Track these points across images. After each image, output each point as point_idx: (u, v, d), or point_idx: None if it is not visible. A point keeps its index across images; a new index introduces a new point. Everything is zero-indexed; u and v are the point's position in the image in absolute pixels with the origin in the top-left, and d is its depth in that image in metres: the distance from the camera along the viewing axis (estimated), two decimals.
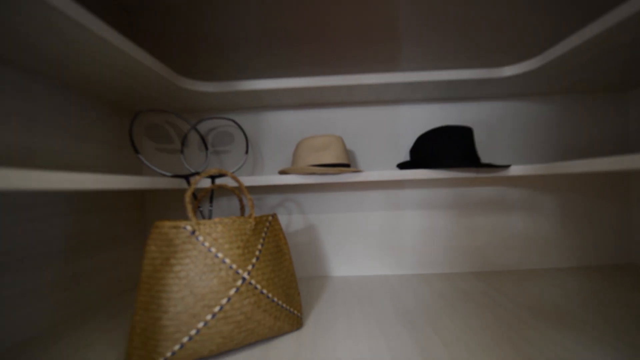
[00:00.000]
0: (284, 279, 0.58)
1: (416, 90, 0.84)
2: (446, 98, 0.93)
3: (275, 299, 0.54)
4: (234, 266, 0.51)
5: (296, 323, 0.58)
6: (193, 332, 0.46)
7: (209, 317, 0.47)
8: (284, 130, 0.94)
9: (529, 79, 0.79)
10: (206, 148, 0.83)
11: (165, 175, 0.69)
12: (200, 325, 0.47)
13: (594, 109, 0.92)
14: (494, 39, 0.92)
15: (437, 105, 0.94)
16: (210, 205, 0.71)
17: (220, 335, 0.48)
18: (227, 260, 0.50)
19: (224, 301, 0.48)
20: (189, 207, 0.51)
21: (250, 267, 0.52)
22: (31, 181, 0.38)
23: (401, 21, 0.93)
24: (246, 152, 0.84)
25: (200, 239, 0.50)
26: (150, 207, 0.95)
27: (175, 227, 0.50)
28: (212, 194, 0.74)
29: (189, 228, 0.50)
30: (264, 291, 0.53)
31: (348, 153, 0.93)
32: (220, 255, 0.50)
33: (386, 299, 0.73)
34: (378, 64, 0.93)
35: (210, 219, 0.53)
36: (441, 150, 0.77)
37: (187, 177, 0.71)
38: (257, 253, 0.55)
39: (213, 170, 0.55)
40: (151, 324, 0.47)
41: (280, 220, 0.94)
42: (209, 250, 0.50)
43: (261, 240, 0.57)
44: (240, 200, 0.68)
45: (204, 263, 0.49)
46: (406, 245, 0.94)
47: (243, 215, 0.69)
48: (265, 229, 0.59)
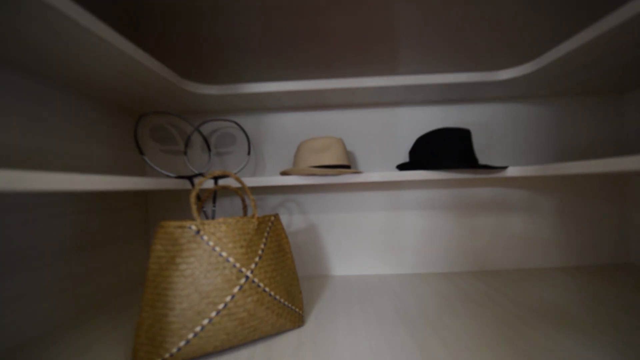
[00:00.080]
0: (286, 277, 0.60)
1: (415, 92, 0.85)
2: (445, 100, 0.95)
3: (277, 297, 0.56)
4: (238, 265, 0.52)
5: (298, 320, 0.60)
6: (198, 329, 0.48)
7: (213, 314, 0.49)
8: (285, 132, 0.96)
9: (525, 82, 0.81)
10: (209, 149, 0.85)
11: (170, 176, 0.70)
12: (205, 322, 0.48)
13: (590, 111, 0.94)
14: (494, 41, 0.94)
15: (436, 108, 0.96)
16: (214, 206, 0.73)
17: (225, 331, 0.50)
18: (231, 259, 0.52)
19: (228, 299, 0.50)
20: (194, 208, 0.52)
21: (253, 266, 0.54)
22: (42, 182, 0.39)
23: (401, 24, 0.94)
24: (248, 154, 0.86)
25: (205, 238, 0.51)
26: (153, 207, 0.96)
27: (181, 227, 0.51)
28: (215, 194, 0.75)
29: (194, 228, 0.51)
30: (267, 289, 0.54)
31: (348, 154, 0.94)
32: (224, 254, 0.52)
33: (386, 298, 0.74)
34: (378, 65, 0.95)
35: (214, 219, 0.54)
36: (440, 151, 0.78)
37: (191, 178, 0.73)
38: (260, 252, 0.56)
39: (217, 172, 0.57)
40: (157, 320, 0.48)
41: (282, 220, 0.95)
42: (214, 249, 0.51)
43: (264, 240, 0.58)
44: (243, 201, 0.69)
45: (208, 262, 0.51)
46: (406, 245, 0.95)
47: (246, 215, 0.70)
48: (267, 229, 0.60)
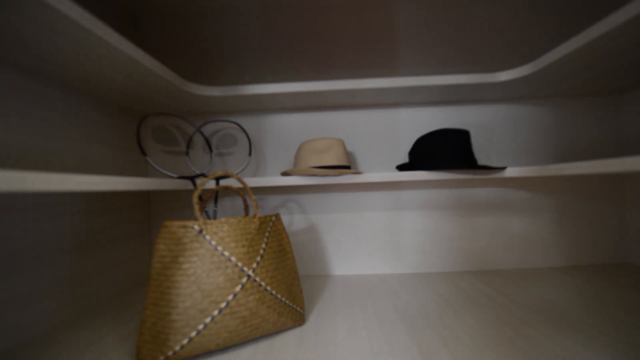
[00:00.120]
0: (287, 276, 0.61)
1: (415, 93, 0.86)
2: (444, 101, 0.96)
3: (278, 296, 0.56)
4: (240, 264, 0.53)
5: (298, 319, 0.61)
6: (201, 327, 0.49)
7: (215, 313, 0.50)
8: (286, 133, 0.96)
9: (524, 84, 0.81)
10: (210, 150, 0.85)
11: (172, 177, 0.71)
12: (208, 320, 0.49)
13: (589, 112, 0.95)
14: (495, 42, 0.94)
15: (436, 109, 0.96)
16: (215, 206, 0.74)
17: (227, 329, 0.50)
18: (233, 259, 0.53)
19: (230, 297, 0.51)
20: (196, 208, 0.53)
21: (255, 265, 0.54)
22: (45, 183, 0.40)
23: (401, 25, 0.95)
24: (249, 154, 0.87)
25: (208, 237, 0.52)
26: (154, 207, 0.97)
27: (184, 227, 0.52)
28: (217, 195, 0.76)
29: (196, 227, 0.52)
30: (268, 288, 0.55)
31: (348, 155, 0.95)
32: (226, 253, 0.52)
33: (386, 297, 0.75)
34: (378, 66, 0.96)
35: (215, 219, 0.55)
36: (439, 152, 0.79)
37: (193, 179, 0.74)
38: (262, 251, 0.57)
39: (220, 172, 0.58)
40: (161, 318, 0.49)
41: (283, 220, 0.96)
42: (216, 249, 0.52)
43: (265, 240, 0.59)
44: (245, 201, 0.70)
45: (211, 261, 0.51)
46: (406, 245, 0.96)
47: (247, 215, 0.71)
48: (269, 229, 0.61)
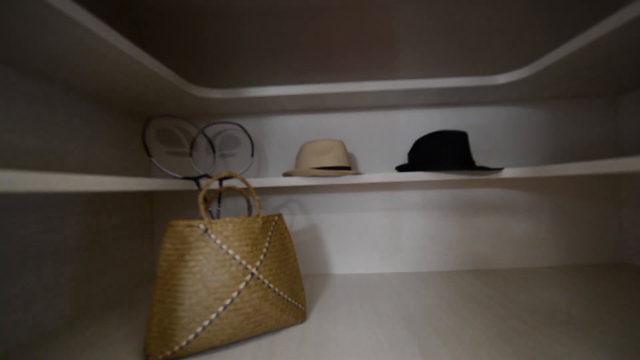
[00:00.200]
0: (289, 274, 0.62)
1: (414, 96, 0.88)
2: (443, 103, 0.97)
3: (281, 293, 0.58)
4: (244, 262, 0.54)
5: (300, 316, 0.62)
6: (206, 323, 0.50)
7: (220, 309, 0.51)
8: (288, 135, 0.98)
9: (522, 86, 0.83)
10: (214, 151, 0.87)
11: (176, 177, 0.73)
12: (213, 316, 0.51)
13: (586, 114, 0.96)
14: (494, 43, 0.96)
15: (434, 110, 0.98)
16: (219, 206, 0.75)
17: (231, 326, 0.52)
18: (237, 257, 0.54)
19: (235, 294, 0.52)
20: (201, 207, 0.55)
21: (258, 263, 0.56)
22: (56, 184, 0.42)
23: (401, 27, 0.97)
24: (252, 155, 0.88)
25: (213, 236, 0.54)
26: (157, 207, 0.99)
27: (189, 226, 0.54)
28: (220, 195, 0.78)
29: (202, 227, 0.54)
30: (271, 286, 0.57)
31: (349, 156, 0.97)
32: (230, 252, 0.54)
33: (386, 295, 0.77)
34: (379, 68, 0.98)
35: (220, 219, 0.57)
36: (438, 153, 0.81)
37: (196, 179, 0.75)
38: (265, 250, 0.59)
39: (224, 173, 0.59)
40: (167, 315, 0.50)
41: (284, 220, 0.98)
42: (221, 247, 0.54)
43: (268, 239, 0.61)
44: (248, 201, 0.72)
45: (215, 259, 0.53)
46: (405, 245, 0.98)
47: (250, 215, 0.73)
48: (271, 228, 0.63)
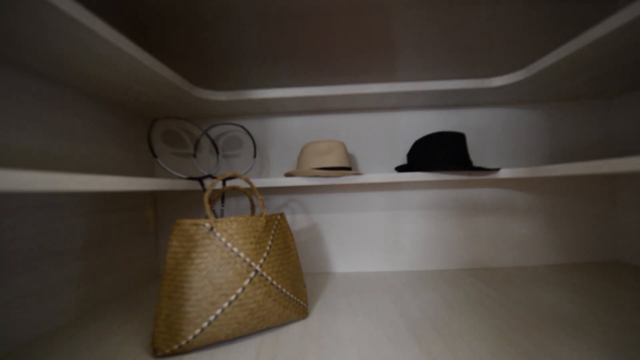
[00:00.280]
0: (291, 272, 0.64)
1: (413, 98, 0.90)
2: (441, 105, 0.99)
3: (284, 290, 0.60)
4: (248, 259, 0.56)
5: (302, 312, 0.64)
6: (212, 318, 0.52)
7: (226, 305, 0.53)
8: (289, 136, 1.00)
9: (517, 89, 0.85)
10: (217, 152, 0.89)
11: (181, 178, 0.75)
12: (218, 311, 0.53)
13: (580, 116, 0.98)
14: (493, 45, 0.98)
15: (434, 112, 1.00)
16: (222, 205, 0.77)
17: (236, 321, 0.54)
18: (242, 254, 0.56)
19: (239, 290, 0.54)
20: (207, 207, 0.57)
21: (261, 261, 0.58)
22: (65, 183, 0.43)
23: (401, 30, 0.99)
24: (254, 156, 0.90)
25: (218, 235, 0.56)
26: (160, 207, 1.01)
27: (195, 225, 0.56)
28: (224, 195, 0.80)
29: (207, 225, 0.56)
30: (274, 282, 0.59)
31: (349, 157, 0.99)
32: (235, 249, 0.56)
33: (385, 293, 0.79)
34: (378, 70, 1.00)
35: (225, 217, 0.59)
36: (436, 154, 0.83)
37: (201, 180, 0.77)
38: (268, 248, 0.60)
39: (229, 174, 0.61)
40: (175, 310, 0.52)
41: (286, 219, 1.00)
42: (226, 245, 0.56)
43: (271, 237, 0.63)
44: (251, 201, 0.74)
45: (221, 256, 0.55)
46: (404, 244, 0.99)
47: (253, 214, 0.75)
48: (274, 227, 0.65)
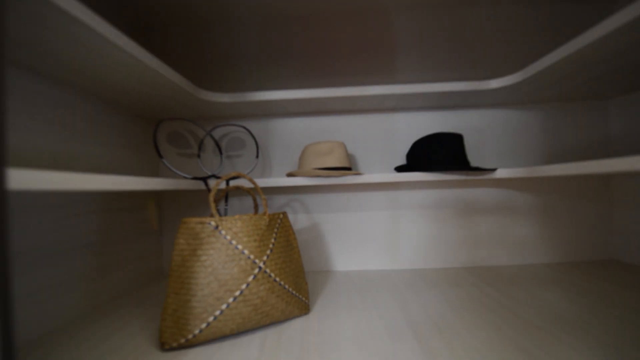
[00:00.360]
0: (293, 269, 0.66)
1: (412, 99, 0.92)
2: (440, 106, 1.01)
3: (286, 286, 0.62)
4: (252, 256, 0.58)
5: (304, 308, 0.66)
6: (217, 313, 0.54)
7: (231, 300, 0.55)
8: (291, 136, 1.02)
9: (514, 91, 0.87)
10: (220, 153, 0.91)
11: (186, 178, 0.77)
12: (224, 306, 0.55)
13: (576, 116, 1.00)
14: (493, 47, 1.00)
15: (432, 113, 1.02)
16: (226, 205, 0.79)
17: (240, 316, 0.56)
18: (246, 252, 0.58)
19: (244, 286, 0.56)
20: (212, 206, 0.59)
21: (265, 258, 0.60)
22: (83, 182, 0.45)
23: (401, 32, 1.01)
24: (257, 157, 0.92)
25: (223, 232, 0.58)
26: (165, 207, 1.03)
27: (201, 223, 0.58)
28: (227, 194, 0.81)
29: (213, 223, 0.58)
30: (277, 279, 0.61)
31: (350, 157, 1.01)
32: (240, 247, 0.58)
33: (385, 290, 0.80)
34: (378, 71, 1.01)
35: (230, 216, 0.61)
36: (434, 154, 0.85)
37: (205, 179, 0.79)
38: (271, 246, 0.62)
39: (233, 173, 0.63)
40: (181, 305, 0.54)
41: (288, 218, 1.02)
42: (230, 243, 0.58)
43: (274, 235, 0.65)
44: (255, 200, 0.76)
45: (226, 254, 0.57)
46: (404, 242, 1.01)
47: (257, 213, 0.76)
48: (277, 225, 0.67)
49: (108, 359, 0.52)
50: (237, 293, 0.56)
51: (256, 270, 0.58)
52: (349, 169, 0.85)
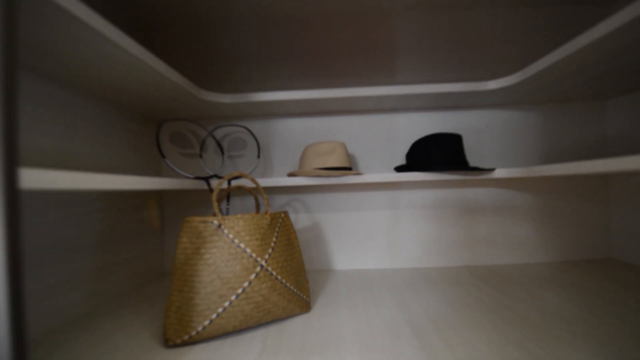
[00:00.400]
0: (294, 267, 0.67)
1: (412, 100, 0.93)
2: (439, 107, 1.02)
3: (287, 284, 0.63)
4: (254, 255, 0.59)
5: (305, 306, 0.67)
6: (220, 310, 0.55)
7: (233, 298, 0.56)
8: (292, 137, 1.03)
9: (512, 92, 0.88)
10: (222, 153, 0.92)
11: (189, 177, 0.78)
12: (226, 304, 0.55)
13: (574, 117, 1.01)
14: (492, 47, 1.01)
15: (431, 114, 1.03)
16: (228, 204, 0.80)
17: (243, 313, 0.57)
18: (248, 250, 0.59)
19: (246, 284, 0.57)
20: (215, 205, 0.60)
21: (267, 256, 0.61)
22: (92, 182, 0.46)
23: (401, 33, 1.02)
24: (258, 157, 0.93)
25: (226, 231, 0.59)
26: (167, 206, 1.04)
27: (204, 222, 0.59)
28: (229, 194, 0.82)
29: (215, 222, 0.59)
30: (279, 277, 0.62)
31: (350, 157, 1.02)
32: (242, 245, 0.59)
33: (384, 288, 0.81)
34: (379, 73, 1.03)
35: (232, 215, 0.62)
36: (434, 155, 0.86)
37: (207, 179, 0.80)
38: (273, 244, 0.63)
39: (235, 173, 0.64)
40: (185, 303, 0.55)
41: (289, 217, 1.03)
42: (233, 241, 0.59)
43: (275, 234, 0.66)
44: (256, 199, 0.77)
45: (228, 252, 0.58)
46: (403, 242, 1.02)
47: (258, 212, 0.77)
48: (278, 224, 0.68)
49: (113, 356, 0.53)
50: (240, 291, 0.57)
51: (258, 269, 0.59)
52: (349, 169, 0.86)
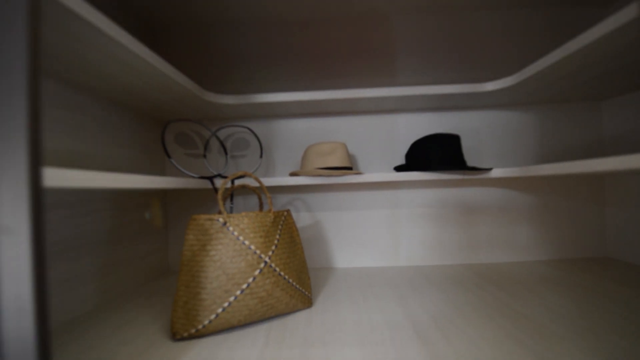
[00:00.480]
0: (297, 264, 0.69)
1: (411, 101, 0.95)
2: (439, 108, 1.04)
3: (290, 280, 0.65)
4: (258, 252, 0.61)
5: (307, 302, 0.69)
6: (226, 305, 0.57)
7: (238, 293, 0.58)
8: (294, 137, 1.05)
9: (509, 93, 0.90)
10: (226, 153, 0.94)
11: (193, 177, 0.80)
12: (232, 299, 0.57)
13: (571, 117, 1.03)
14: (492, 48, 1.03)
15: (431, 114, 1.05)
16: (232, 203, 0.82)
17: (247, 308, 0.59)
18: (252, 247, 0.61)
19: (250, 280, 0.59)
20: (220, 203, 0.62)
21: (270, 253, 0.63)
22: (99, 181, 0.48)
23: (400, 35, 1.04)
24: (260, 157, 0.95)
25: (231, 229, 0.61)
26: (170, 205, 1.06)
27: (210, 220, 0.61)
28: (233, 193, 0.84)
29: (221, 220, 0.61)
30: (282, 273, 0.64)
31: (351, 157, 1.04)
32: (246, 242, 0.61)
33: (385, 286, 0.83)
34: (379, 74, 1.04)
35: (237, 213, 0.64)
36: (433, 155, 0.88)
37: (211, 179, 0.82)
38: (276, 242, 0.65)
39: (240, 173, 0.66)
40: (192, 297, 0.57)
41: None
42: (238, 239, 0.61)
43: (278, 231, 0.68)
44: (260, 198, 0.79)
45: (233, 249, 0.60)
46: (403, 240, 1.04)
47: (262, 210, 0.79)
48: (281, 222, 0.70)
49: (122, 349, 0.55)
50: (244, 286, 0.59)
51: (262, 265, 0.61)
52: (350, 168, 0.88)
